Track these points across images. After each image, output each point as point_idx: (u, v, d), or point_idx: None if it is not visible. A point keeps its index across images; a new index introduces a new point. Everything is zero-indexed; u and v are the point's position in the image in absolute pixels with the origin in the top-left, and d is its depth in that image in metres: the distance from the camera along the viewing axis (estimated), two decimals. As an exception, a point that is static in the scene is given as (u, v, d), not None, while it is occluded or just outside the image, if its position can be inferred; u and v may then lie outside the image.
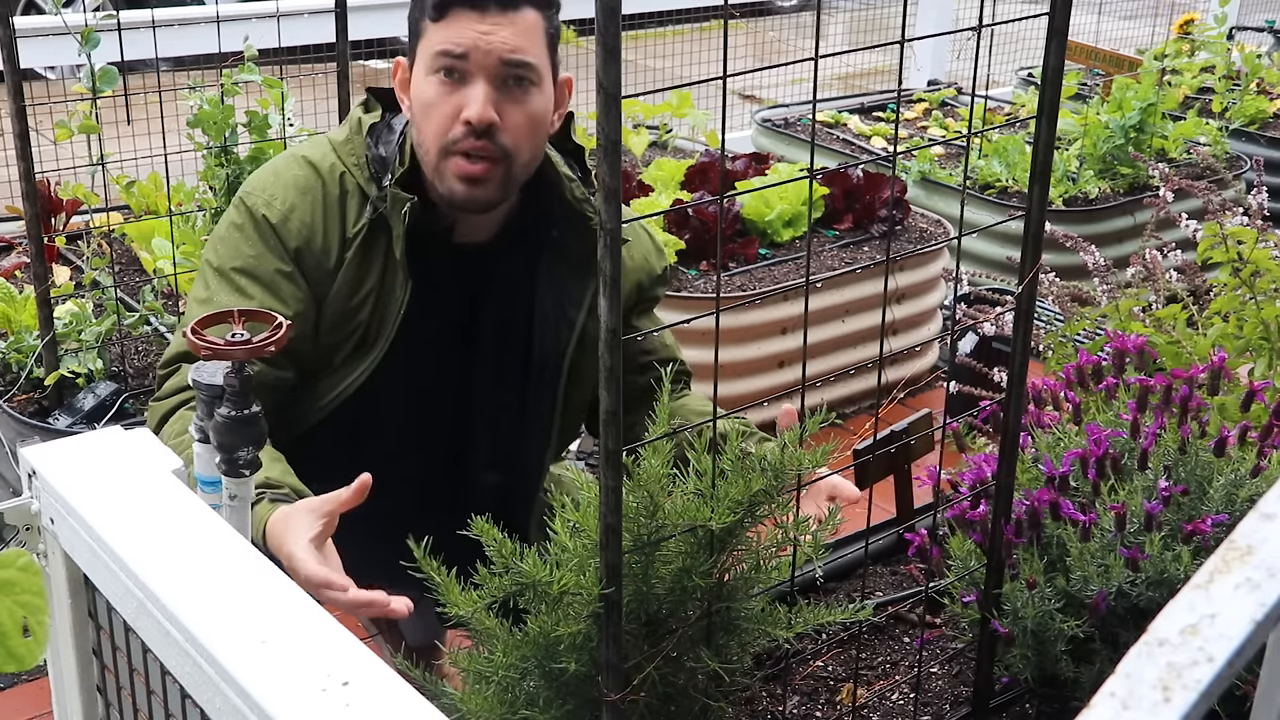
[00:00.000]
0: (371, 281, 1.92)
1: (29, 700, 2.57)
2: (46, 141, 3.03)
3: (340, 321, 1.93)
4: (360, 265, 1.92)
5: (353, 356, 1.95)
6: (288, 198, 1.91)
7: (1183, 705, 0.79)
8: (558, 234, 1.97)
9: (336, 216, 1.92)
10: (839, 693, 2.05)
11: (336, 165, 1.93)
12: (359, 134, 1.95)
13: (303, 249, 1.90)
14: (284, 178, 1.93)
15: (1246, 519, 0.95)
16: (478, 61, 1.81)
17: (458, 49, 1.81)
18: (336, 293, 1.92)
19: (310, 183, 1.92)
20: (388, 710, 0.99)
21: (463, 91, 1.82)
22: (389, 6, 4.91)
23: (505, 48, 1.81)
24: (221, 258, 1.91)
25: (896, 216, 3.99)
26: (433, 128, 1.85)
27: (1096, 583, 1.78)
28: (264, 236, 1.90)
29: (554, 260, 1.99)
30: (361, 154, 1.94)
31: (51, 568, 1.32)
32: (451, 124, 1.83)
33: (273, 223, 1.89)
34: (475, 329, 2.03)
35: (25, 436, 2.87)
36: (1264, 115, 5.31)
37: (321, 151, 1.95)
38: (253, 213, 1.91)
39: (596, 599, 1.45)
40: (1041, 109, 1.64)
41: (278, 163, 1.98)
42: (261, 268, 1.89)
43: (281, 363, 1.89)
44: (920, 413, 2.34)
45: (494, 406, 2.06)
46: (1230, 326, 2.35)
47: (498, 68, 1.81)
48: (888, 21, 7.87)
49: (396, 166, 1.91)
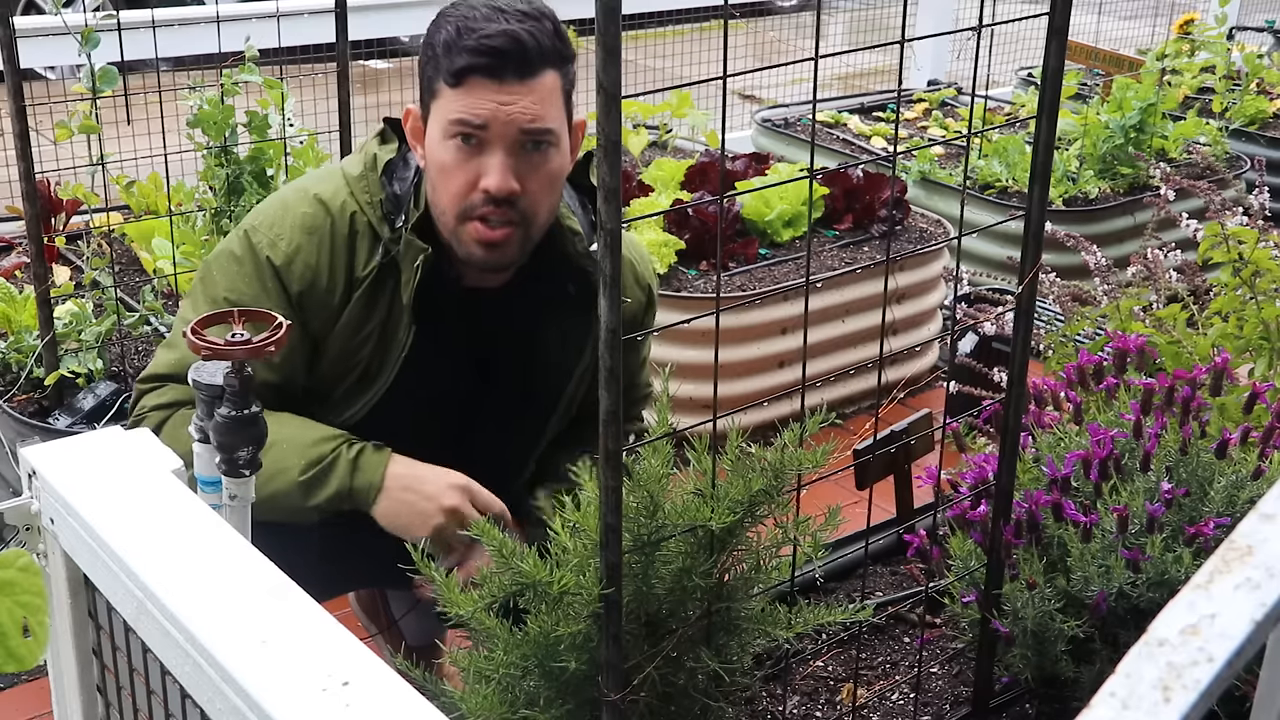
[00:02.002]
0: (375, 320, 1.90)
1: (29, 700, 2.57)
2: (46, 141, 3.03)
3: (342, 357, 1.92)
4: (366, 305, 1.89)
5: (353, 390, 1.94)
6: (294, 239, 1.87)
7: (1183, 705, 0.79)
8: (563, 285, 1.95)
9: (344, 257, 1.88)
10: (839, 693, 2.05)
11: (348, 204, 1.89)
12: (373, 170, 1.91)
13: (306, 292, 1.87)
14: (292, 214, 1.89)
15: (1246, 519, 0.95)
16: (497, 132, 1.77)
17: (476, 119, 1.77)
18: (340, 331, 1.90)
19: (318, 222, 1.88)
20: (388, 710, 0.99)
21: (481, 160, 1.79)
22: (389, 6, 4.91)
23: (525, 118, 1.77)
24: (216, 287, 1.88)
25: (896, 216, 3.99)
26: (450, 192, 1.82)
27: (1097, 583, 1.78)
28: (263, 278, 1.87)
29: (558, 307, 1.97)
30: (376, 193, 1.90)
31: (51, 568, 1.31)
32: (470, 190, 1.80)
33: (276, 265, 1.86)
34: (476, 368, 2.02)
35: (25, 436, 2.87)
36: (1264, 115, 5.31)
37: (334, 187, 1.91)
38: (255, 251, 1.87)
39: (596, 599, 1.45)
40: (1041, 109, 1.64)
41: (287, 196, 1.93)
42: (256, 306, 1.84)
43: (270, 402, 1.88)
44: (920, 413, 2.34)
45: (485, 438, 2.04)
46: (1230, 326, 2.35)
47: (517, 137, 1.78)
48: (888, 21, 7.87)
49: (411, 209, 1.88)
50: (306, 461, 1.81)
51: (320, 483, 1.82)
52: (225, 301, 1.85)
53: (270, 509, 1.71)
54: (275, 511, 1.77)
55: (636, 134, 4.74)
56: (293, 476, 1.80)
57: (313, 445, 1.83)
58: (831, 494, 2.09)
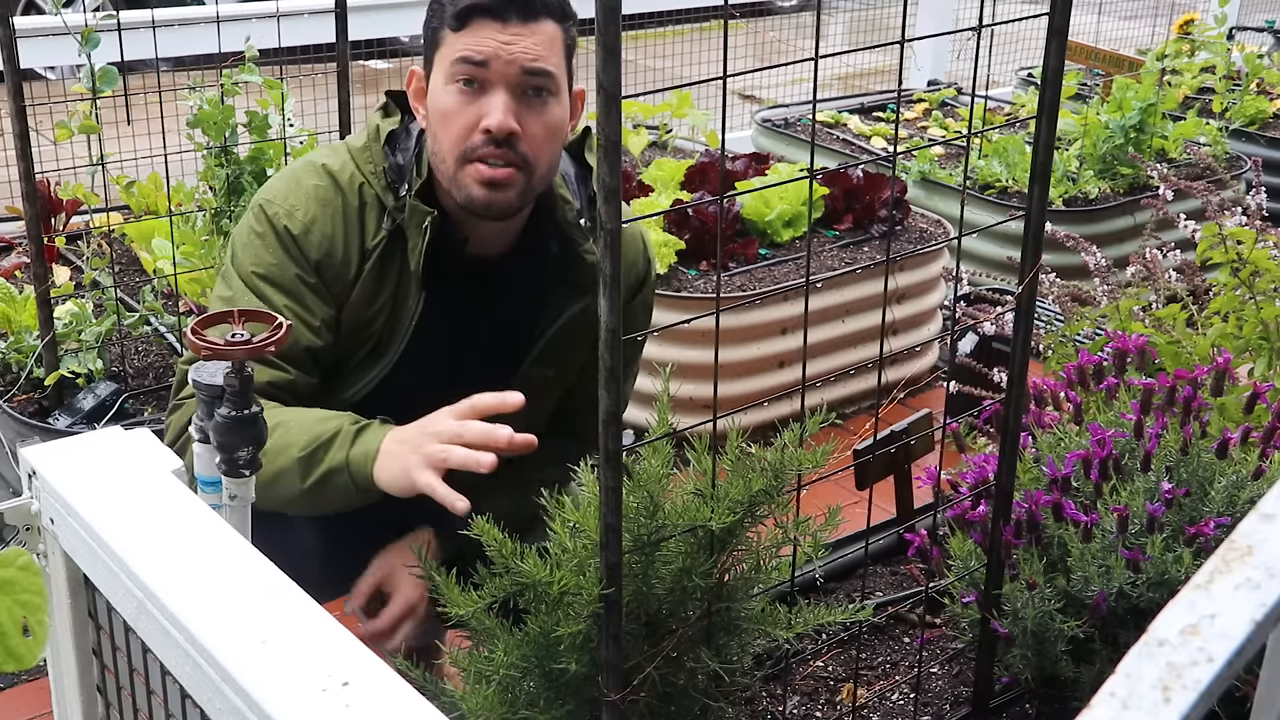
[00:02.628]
0: (387, 292, 1.92)
1: (29, 700, 2.57)
2: (46, 141, 3.03)
3: (356, 329, 1.93)
4: (378, 276, 1.91)
5: (365, 361, 1.95)
6: (309, 209, 1.90)
7: (1183, 705, 0.79)
8: (554, 250, 1.98)
9: (356, 229, 1.91)
10: (839, 693, 2.05)
11: (355, 176, 1.92)
12: (376, 141, 1.93)
13: (323, 261, 1.89)
14: (304, 186, 1.91)
15: (1247, 519, 0.95)
16: (498, 70, 1.80)
17: (478, 56, 1.80)
18: (354, 303, 1.92)
19: (330, 195, 1.91)
20: (388, 710, 0.99)
21: (482, 100, 1.81)
22: (389, 6, 4.91)
23: (527, 57, 1.80)
24: (244, 263, 1.90)
25: (896, 216, 3.99)
26: (451, 135, 1.84)
27: (1097, 583, 1.78)
28: (285, 247, 1.89)
29: (550, 273, 1.99)
30: (380, 163, 1.92)
31: (51, 568, 1.32)
32: (470, 132, 1.82)
33: (294, 234, 1.88)
34: (481, 335, 2.03)
35: (25, 436, 2.87)
36: (1264, 115, 5.31)
37: (341, 160, 1.94)
38: (273, 222, 1.89)
39: (596, 599, 1.45)
40: (1041, 109, 1.64)
41: (297, 170, 1.96)
42: (284, 275, 1.88)
43: (310, 369, 1.90)
44: (920, 413, 2.34)
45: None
46: (1230, 326, 2.35)
47: (518, 77, 1.81)
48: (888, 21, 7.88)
49: (414, 177, 1.90)
50: (310, 437, 1.80)
51: (319, 458, 1.80)
52: (254, 276, 1.88)
53: (270, 492, 1.71)
54: (274, 498, 1.76)
55: (636, 134, 4.74)
56: (293, 454, 1.79)
57: (318, 423, 1.82)
58: (831, 494, 2.09)
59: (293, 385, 1.87)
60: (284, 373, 1.86)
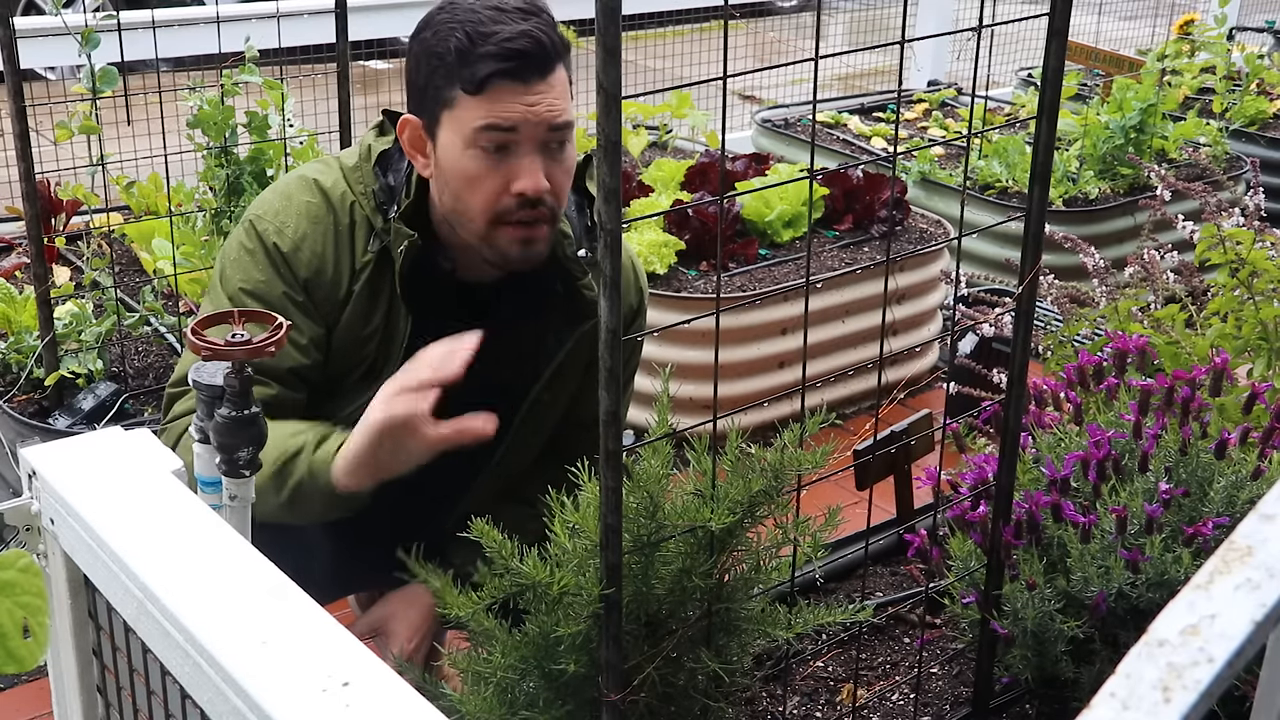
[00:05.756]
0: (379, 316, 1.91)
1: (29, 700, 2.57)
2: (46, 142, 3.03)
3: (351, 349, 1.92)
4: (370, 297, 1.90)
5: (361, 382, 1.94)
6: (299, 226, 1.88)
7: (1183, 705, 0.79)
8: (551, 284, 1.95)
9: (347, 247, 1.89)
10: (839, 693, 2.05)
11: (347, 194, 1.90)
12: (368, 161, 1.92)
13: (312, 280, 1.88)
14: (295, 203, 1.90)
15: (1247, 519, 0.95)
16: (526, 133, 1.77)
17: (506, 123, 1.76)
18: (347, 322, 1.90)
19: (321, 212, 1.89)
20: (388, 710, 0.99)
21: (511, 164, 1.78)
22: (389, 6, 4.91)
23: (551, 114, 1.77)
24: (233, 280, 1.89)
25: (896, 217, 3.99)
26: (480, 200, 1.81)
27: (1097, 584, 1.78)
28: (274, 264, 1.88)
29: (545, 306, 1.98)
30: (370, 183, 1.91)
31: (51, 568, 1.31)
32: (501, 195, 1.80)
33: (284, 252, 1.87)
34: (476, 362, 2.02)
35: (25, 437, 2.87)
36: (1264, 116, 5.31)
37: (333, 177, 1.92)
38: (263, 239, 1.88)
39: (596, 599, 1.45)
40: (1041, 109, 1.64)
41: (289, 185, 1.94)
42: (272, 293, 1.87)
43: (296, 386, 1.89)
44: (920, 413, 2.34)
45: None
46: (1228, 327, 2.35)
47: (545, 134, 1.78)
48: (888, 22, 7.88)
49: (403, 198, 1.88)
50: (279, 453, 1.80)
51: (289, 471, 1.80)
52: (241, 293, 1.87)
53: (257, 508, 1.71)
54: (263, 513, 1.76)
55: (636, 134, 4.74)
56: (267, 471, 1.79)
57: (287, 438, 1.82)
58: (831, 494, 2.09)
59: (276, 400, 1.86)
60: (267, 388, 1.84)
